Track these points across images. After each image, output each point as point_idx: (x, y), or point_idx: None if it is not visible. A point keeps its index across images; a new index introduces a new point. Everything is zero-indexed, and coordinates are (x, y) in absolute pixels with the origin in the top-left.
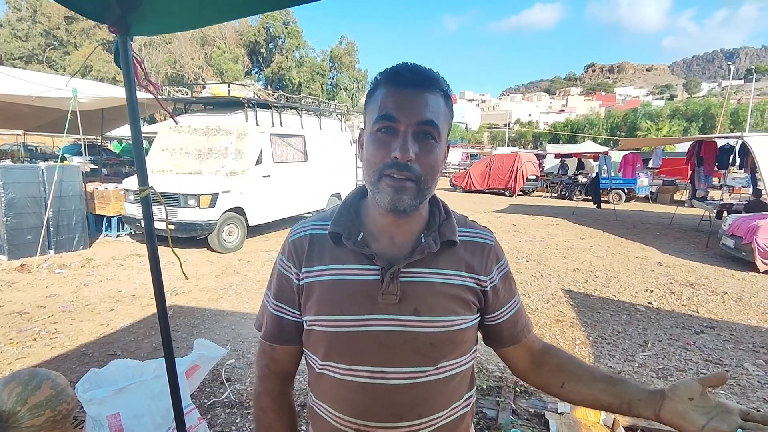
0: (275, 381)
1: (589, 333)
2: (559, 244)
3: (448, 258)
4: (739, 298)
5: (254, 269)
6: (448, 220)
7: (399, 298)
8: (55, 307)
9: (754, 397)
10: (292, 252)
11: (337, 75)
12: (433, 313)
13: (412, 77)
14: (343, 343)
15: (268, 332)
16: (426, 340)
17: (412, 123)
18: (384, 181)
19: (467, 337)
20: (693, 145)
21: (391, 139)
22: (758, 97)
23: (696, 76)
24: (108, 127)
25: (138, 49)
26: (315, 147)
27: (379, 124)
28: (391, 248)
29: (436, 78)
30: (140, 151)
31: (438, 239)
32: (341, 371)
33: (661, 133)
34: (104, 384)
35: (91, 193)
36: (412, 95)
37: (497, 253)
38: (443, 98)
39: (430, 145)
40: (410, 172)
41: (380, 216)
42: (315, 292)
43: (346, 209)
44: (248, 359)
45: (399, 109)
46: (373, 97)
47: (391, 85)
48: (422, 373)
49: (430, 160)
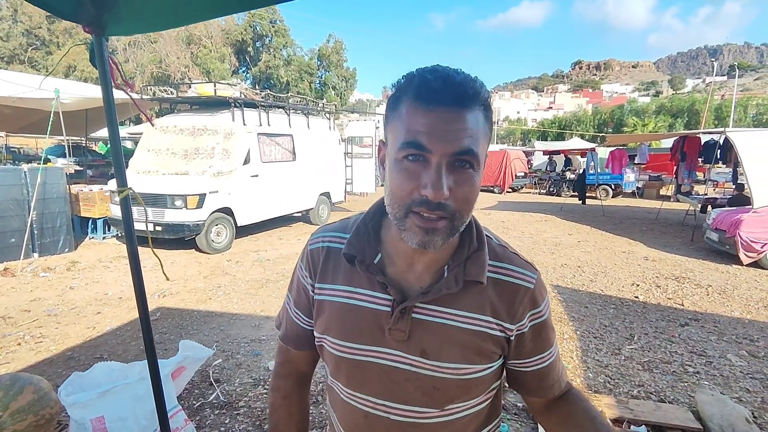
0: (288, 380)
1: (577, 327)
2: (547, 240)
3: (472, 298)
4: (722, 291)
5: (243, 270)
6: (479, 253)
7: (408, 335)
8: (40, 311)
9: (736, 388)
10: (309, 262)
11: (325, 74)
12: (442, 358)
13: (446, 92)
14: (348, 368)
15: (286, 335)
16: (429, 383)
17: (447, 153)
18: (411, 218)
19: (482, 383)
20: (678, 141)
21: (421, 169)
22: (741, 92)
23: (681, 72)
24: (92, 127)
25: (122, 49)
26: (303, 146)
27: (406, 151)
28: (408, 275)
29: (476, 89)
30: (118, 151)
31: (461, 277)
32: (346, 394)
33: (647, 129)
34: (88, 387)
35: (76, 195)
36: (447, 118)
37: (535, 297)
38: (483, 112)
39: (467, 175)
40: (444, 211)
41: (401, 240)
42: (325, 311)
43: (365, 227)
44: (237, 360)
45: (431, 135)
46: (397, 111)
47: (421, 103)
48: (425, 413)
49: (466, 192)
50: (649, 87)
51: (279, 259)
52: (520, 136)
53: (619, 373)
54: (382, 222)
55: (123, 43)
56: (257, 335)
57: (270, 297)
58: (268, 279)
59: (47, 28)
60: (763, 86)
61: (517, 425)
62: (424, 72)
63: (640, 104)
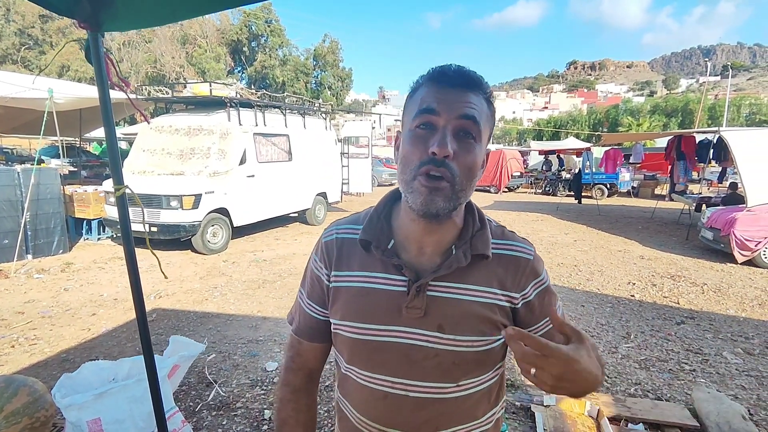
0: (298, 375)
1: (574, 326)
2: (544, 239)
3: (479, 272)
4: (718, 289)
5: (240, 270)
6: (482, 231)
7: (424, 312)
8: (34, 313)
9: (732, 385)
10: (324, 253)
11: (321, 73)
12: (459, 331)
13: (456, 77)
14: (366, 350)
15: (299, 328)
16: (449, 358)
17: (453, 117)
18: (418, 180)
19: (493, 356)
20: (672, 140)
21: (430, 135)
22: (734, 92)
23: (675, 72)
24: (87, 128)
25: (117, 49)
26: (299, 146)
27: (419, 120)
28: (420, 259)
29: (481, 81)
30: (115, 150)
31: (469, 252)
32: (363, 377)
33: (642, 128)
34: (80, 388)
35: (71, 195)
36: (454, 93)
37: (535, 268)
38: (486, 102)
39: (469, 144)
40: (447, 169)
41: (411, 222)
42: (342, 297)
43: (377, 215)
44: (234, 361)
45: (440, 102)
46: (413, 98)
47: (434, 83)
48: (443, 389)
49: (468, 160)
50: (643, 87)
51: (276, 260)
52: (516, 135)
53: (616, 372)
54: (392, 212)
55: (117, 42)
56: (254, 336)
57: (267, 297)
58: (265, 279)
59: (40, 27)
60: (756, 86)
61: (515, 424)
62: (440, 65)
63: (634, 104)
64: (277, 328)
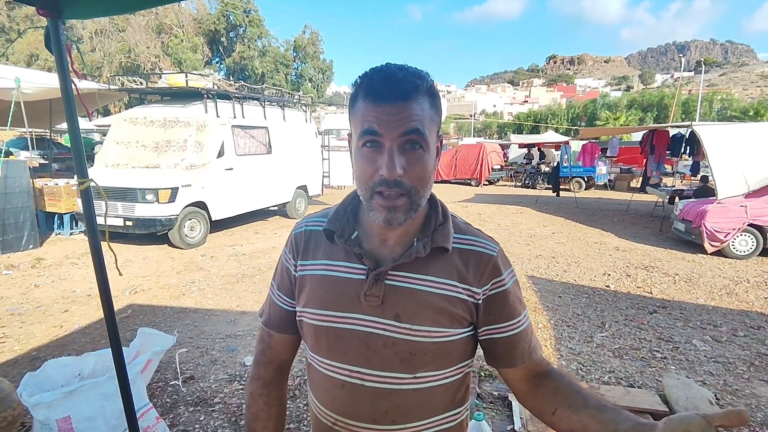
0: (269, 368)
1: (551, 317)
2: (522, 231)
3: (440, 265)
4: (688, 279)
5: (218, 265)
6: (444, 225)
7: (382, 300)
8: (3, 310)
9: (701, 371)
10: (293, 245)
11: (301, 65)
12: (415, 321)
13: (391, 91)
14: (326, 337)
15: (269, 319)
16: (406, 348)
17: (396, 135)
18: (376, 199)
19: (453, 350)
20: (647, 134)
21: (377, 154)
22: (707, 88)
23: (651, 67)
24: (57, 119)
25: (89, 38)
26: (279, 139)
27: (363, 139)
28: (382, 249)
29: (415, 83)
30: (78, 142)
31: (429, 245)
32: (324, 365)
33: (618, 122)
34: (45, 386)
35: (41, 189)
36: (391, 111)
37: (497, 265)
38: (428, 100)
39: (417, 155)
40: (400, 188)
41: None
42: (306, 285)
43: (344, 208)
44: (212, 356)
45: (380, 123)
46: (355, 108)
47: (369, 101)
48: (399, 379)
49: (418, 171)
50: (620, 81)
51: (255, 254)
52: (496, 129)
53: (591, 360)
54: (359, 205)
55: (89, 31)
56: (233, 331)
57: (246, 292)
58: (244, 274)
59: (7, 14)
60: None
61: (492, 413)
62: (372, 73)
63: (612, 98)
64: (256, 322)
